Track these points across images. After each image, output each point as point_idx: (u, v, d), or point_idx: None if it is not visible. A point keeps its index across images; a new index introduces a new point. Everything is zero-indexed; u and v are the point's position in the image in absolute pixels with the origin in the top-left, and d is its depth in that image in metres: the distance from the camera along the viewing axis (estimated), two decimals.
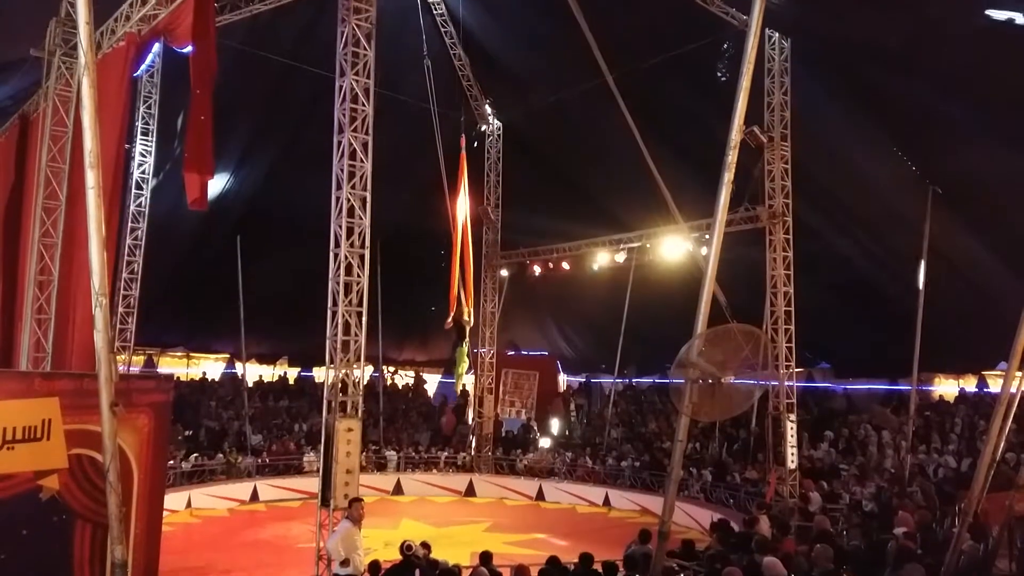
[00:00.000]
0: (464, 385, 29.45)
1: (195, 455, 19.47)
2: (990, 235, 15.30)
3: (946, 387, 21.79)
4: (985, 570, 8.03)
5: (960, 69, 12.31)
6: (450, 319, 14.53)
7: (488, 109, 22.16)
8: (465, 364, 14.26)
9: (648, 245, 19.42)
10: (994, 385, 19.35)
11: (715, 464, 19.03)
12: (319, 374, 25.55)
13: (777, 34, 15.55)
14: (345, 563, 9.04)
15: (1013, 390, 7.67)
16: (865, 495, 14.54)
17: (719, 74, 15.85)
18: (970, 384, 20.97)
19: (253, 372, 26.64)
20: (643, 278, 20.47)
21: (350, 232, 11.43)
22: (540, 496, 20.92)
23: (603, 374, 27.83)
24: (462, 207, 15.22)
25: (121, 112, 11.78)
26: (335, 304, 11.28)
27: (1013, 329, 7.43)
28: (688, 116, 17.48)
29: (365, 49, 11.72)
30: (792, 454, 15.50)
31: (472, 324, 14.15)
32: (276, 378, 28.49)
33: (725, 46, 15.39)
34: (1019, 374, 7.67)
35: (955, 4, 10.88)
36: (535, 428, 24.44)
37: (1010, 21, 10.50)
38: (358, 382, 11.46)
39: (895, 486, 14.51)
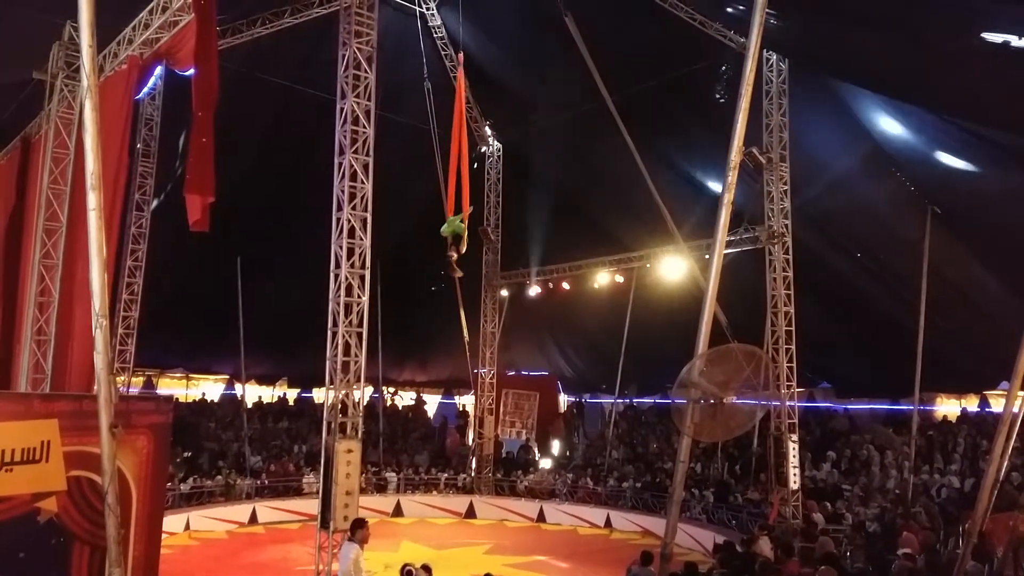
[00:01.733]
0: (464, 406, 29.45)
1: (194, 477, 19.39)
2: (990, 254, 15.32)
3: (948, 407, 21.73)
4: None
5: (957, 90, 12.38)
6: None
7: (488, 131, 22.28)
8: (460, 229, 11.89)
9: (648, 265, 19.46)
10: (996, 405, 19.29)
11: (717, 485, 18.93)
12: (319, 395, 25.49)
13: (775, 56, 15.68)
14: None
15: (1016, 410, 7.65)
16: (868, 516, 14.46)
17: (718, 96, 15.95)
18: (972, 404, 20.92)
19: (252, 393, 26.56)
20: (643, 298, 20.49)
21: (350, 253, 11.47)
22: (541, 517, 20.79)
23: (603, 394, 27.75)
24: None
25: (122, 134, 11.85)
26: (335, 325, 11.29)
27: (1014, 348, 7.42)
28: (687, 137, 17.58)
29: (366, 72, 11.83)
30: (794, 474, 15.43)
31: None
32: (276, 399, 28.40)
33: (724, 68, 15.50)
34: (1021, 394, 7.65)
35: (951, 26, 10.95)
36: (534, 449, 24.34)
37: (1006, 44, 10.57)
38: (358, 403, 11.43)
39: (898, 507, 14.43)
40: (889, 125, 14.31)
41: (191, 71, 11.04)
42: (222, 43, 13.52)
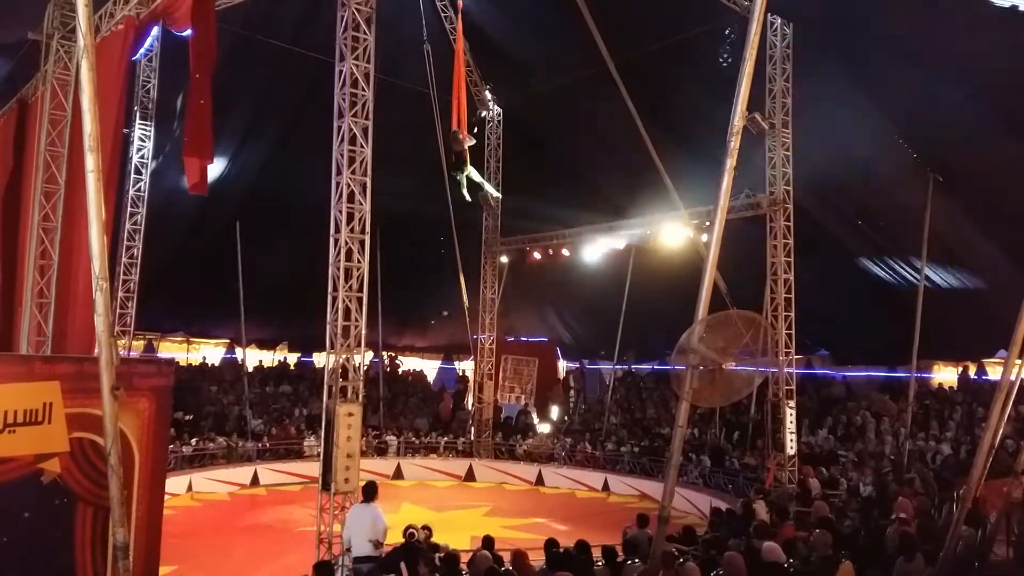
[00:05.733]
0: (464, 371, 29.58)
1: (196, 439, 19.56)
2: (990, 223, 15.27)
3: (945, 375, 21.83)
4: (983, 556, 8.07)
5: (963, 56, 12.24)
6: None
7: (488, 95, 22.06)
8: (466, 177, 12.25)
9: (649, 232, 19.39)
10: (993, 373, 19.38)
11: (714, 450, 19.09)
12: (319, 359, 25.61)
13: (779, 20, 15.47)
14: (378, 544, 9.07)
15: (1013, 377, 7.68)
16: (864, 481, 14.61)
17: (721, 60, 15.77)
18: (969, 372, 21.00)
19: (253, 357, 26.67)
20: (643, 265, 20.47)
21: (350, 217, 11.41)
22: (540, 481, 21.02)
23: (602, 360, 27.87)
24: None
25: (119, 96, 11.75)
26: (335, 289, 11.28)
27: (1013, 317, 7.43)
28: (690, 102, 17.41)
29: (365, 34, 11.66)
30: (791, 440, 15.55)
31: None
32: (276, 363, 28.54)
33: (728, 31, 15.30)
34: (1019, 362, 7.68)
35: None
36: (532, 414, 24.50)
37: (1014, 8, 10.44)
38: (358, 367, 11.48)
39: (891, 473, 14.57)
40: (893, 91, 14.15)
41: (188, 32, 10.92)
42: (219, 4, 13.32)
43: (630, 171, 18.47)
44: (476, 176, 12.70)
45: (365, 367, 12.50)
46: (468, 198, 12.76)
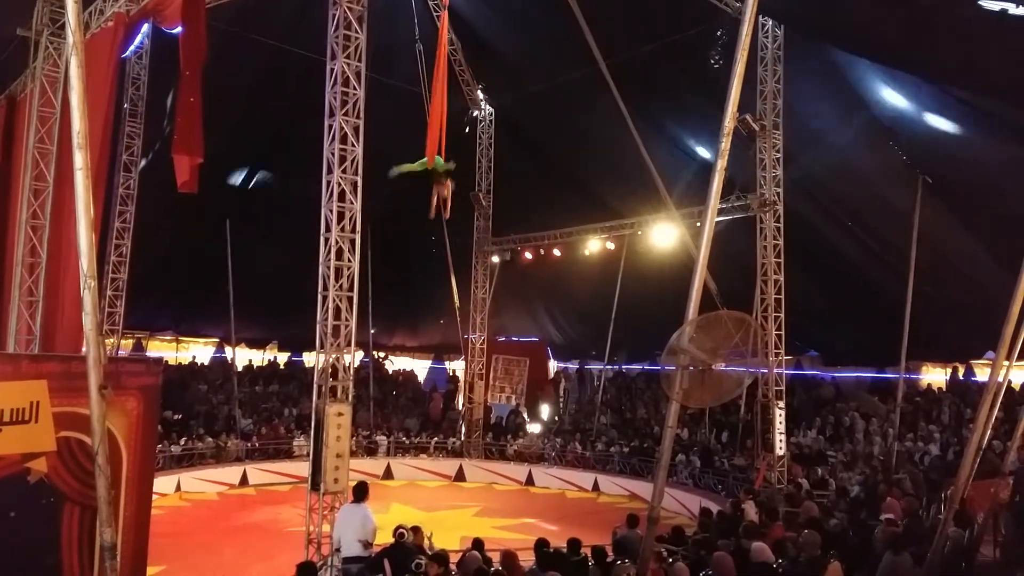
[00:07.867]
0: (455, 371, 29.53)
1: (184, 439, 19.47)
2: (979, 224, 15.36)
3: (933, 376, 21.94)
4: (970, 556, 8.12)
5: (953, 58, 12.29)
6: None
7: (480, 95, 22.05)
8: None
9: (640, 232, 19.42)
10: (981, 374, 19.48)
11: (704, 450, 19.13)
12: (309, 359, 25.54)
13: (771, 22, 15.52)
14: (367, 545, 9.05)
15: (1000, 379, 7.73)
16: (852, 481, 14.67)
17: (712, 61, 15.80)
18: (958, 373, 21.10)
19: (243, 356, 26.57)
20: (634, 265, 20.49)
21: (341, 216, 11.40)
22: (530, 481, 21.03)
23: (593, 360, 27.88)
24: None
25: (109, 93, 11.69)
26: (326, 289, 11.26)
27: (1001, 318, 7.47)
28: (681, 103, 17.44)
29: (357, 32, 11.65)
30: (780, 441, 15.59)
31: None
32: (266, 363, 28.43)
33: (720, 32, 15.32)
34: (1006, 363, 7.73)
35: None
36: (523, 414, 24.51)
37: (1003, 12, 10.48)
38: (348, 367, 11.45)
39: (878, 473, 14.64)
40: (884, 94, 14.21)
41: (178, 29, 10.88)
42: (210, 1, 13.27)
43: (621, 171, 18.51)
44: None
45: (355, 366, 12.47)
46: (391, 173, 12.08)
